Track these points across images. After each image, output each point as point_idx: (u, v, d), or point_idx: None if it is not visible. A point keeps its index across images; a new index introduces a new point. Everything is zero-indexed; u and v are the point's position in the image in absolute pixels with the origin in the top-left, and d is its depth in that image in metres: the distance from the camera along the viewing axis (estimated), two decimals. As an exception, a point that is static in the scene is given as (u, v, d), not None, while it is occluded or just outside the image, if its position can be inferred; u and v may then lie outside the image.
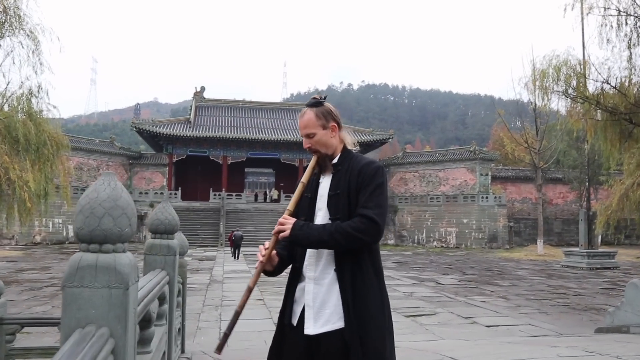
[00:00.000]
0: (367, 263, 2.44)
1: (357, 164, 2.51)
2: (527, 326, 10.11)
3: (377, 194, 2.41)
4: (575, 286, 16.94)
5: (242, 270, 21.39)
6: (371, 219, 2.34)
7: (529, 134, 35.19)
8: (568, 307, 12.56)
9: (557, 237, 44.75)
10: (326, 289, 2.41)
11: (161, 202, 4.18)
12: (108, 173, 1.82)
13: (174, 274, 3.98)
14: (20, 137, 15.22)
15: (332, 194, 2.50)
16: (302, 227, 2.40)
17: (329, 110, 2.61)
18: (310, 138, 2.57)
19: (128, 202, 1.77)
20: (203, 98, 55.30)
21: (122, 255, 1.74)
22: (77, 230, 1.71)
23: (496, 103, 59.28)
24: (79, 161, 42.77)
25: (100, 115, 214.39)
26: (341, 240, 2.33)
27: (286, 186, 51.05)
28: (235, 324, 2.36)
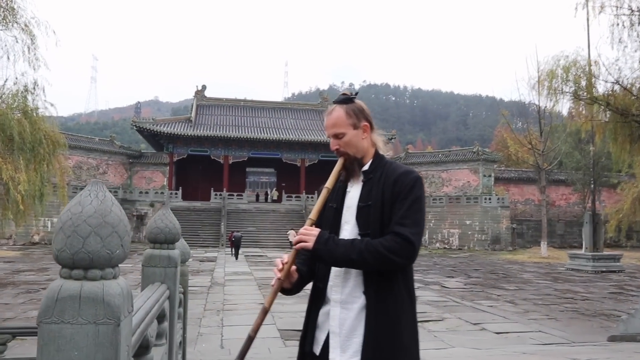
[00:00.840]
0: (400, 286, 2.13)
1: (393, 172, 2.21)
2: (537, 333, 9.86)
3: (414, 209, 2.11)
4: (582, 290, 16.69)
5: (244, 272, 21.12)
6: (407, 239, 2.05)
7: (533, 135, 34.87)
8: (577, 313, 12.32)
9: (559, 239, 44.53)
10: (355, 315, 2.11)
11: (161, 209, 3.83)
12: (96, 181, 1.50)
13: (175, 287, 3.67)
14: (15, 135, 14.73)
15: (362, 205, 2.19)
16: (327, 241, 2.10)
17: (361, 108, 2.31)
18: (339, 139, 2.26)
19: (119, 217, 1.45)
20: (204, 97, 55.09)
21: (112, 283, 1.42)
22: (56, 253, 1.39)
23: (498, 104, 59.06)
24: (79, 160, 42.55)
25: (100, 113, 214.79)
26: (370, 261, 2.04)
27: (288, 186, 50.90)
28: (248, 351, 2.10)
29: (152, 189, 44.81)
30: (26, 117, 15.52)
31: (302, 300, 13.14)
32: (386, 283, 2.10)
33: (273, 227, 41.49)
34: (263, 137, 47.70)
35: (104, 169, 44.56)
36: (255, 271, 21.17)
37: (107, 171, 44.80)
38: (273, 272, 2.18)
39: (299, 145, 48.79)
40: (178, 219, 3.93)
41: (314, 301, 2.26)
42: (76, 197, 1.45)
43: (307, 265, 2.29)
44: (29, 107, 15.91)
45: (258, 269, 22.09)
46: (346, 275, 2.15)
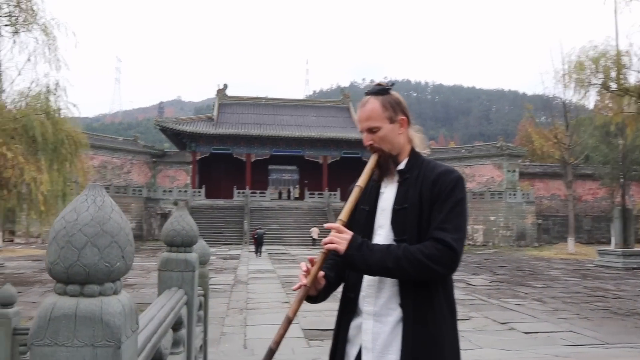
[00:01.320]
0: (440, 297, 1.95)
1: (431, 171, 2.02)
2: (568, 333, 9.55)
3: (456, 212, 1.93)
4: (614, 288, 16.25)
5: (267, 269, 21.06)
6: (449, 246, 1.86)
7: (558, 129, 34.17)
8: (609, 312, 11.94)
9: (586, 234, 43.72)
10: (390, 329, 1.92)
11: (177, 210, 3.67)
12: (94, 185, 1.34)
13: (193, 292, 3.49)
14: (38, 136, 14.88)
15: (398, 208, 2.01)
16: (360, 246, 1.91)
17: (398, 100, 2.11)
18: (373, 133, 2.07)
19: (120, 225, 1.29)
20: (226, 96, 55.35)
21: (112, 300, 1.26)
22: (49, 266, 1.24)
23: (521, 98, 58.19)
24: (103, 159, 43.05)
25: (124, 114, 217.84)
26: (409, 270, 1.86)
27: (310, 183, 50.83)
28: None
29: (175, 187, 45.17)
30: (48, 118, 15.65)
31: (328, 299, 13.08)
32: (425, 294, 1.91)
33: (296, 225, 41.51)
34: (285, 134, 47.67)
35: (128, 168, 45.06)
36: (279, 269, 21.11)
37: (131, 170, 45.28)
38: (298, 277, 1.99)
39: (321, 142, 48.66)
40: (201, 217, 3.82)
41: (344, 312, 2.08)
42: (72, 203, 1.29)
43: (334, 270, 2.11)
44: (51, 108, 16.02)
45: (281, 267, 22.03)
46: (380, 285, 1.97)
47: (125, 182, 43.98)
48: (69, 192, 16.44)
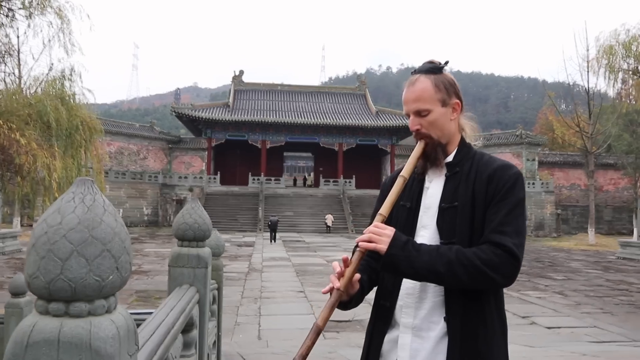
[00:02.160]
0: (492, 310, 1.69)
1: (486, 166, 1.77)
2: (592, 329, 9.31)
3: (516, 213, 1.67)
4: (637, 281, 15.91)
5: (282, 257, 21.00)
6: (509, 252, 1.60)
7: (581, 117, 33.45)
8: (634, 307, 11.66)
9: (607, 225, 43.03)
10: (432, 346, 1.67)
11: (189, 202, 3.44)
12: (84, 179, 1.10)
13: (206, 290, 3.27)
14: (52, 122, 14.80)
15: (447, 206, 1.75)
16: (405, 245, 1.64)
17: (452, 81, 1.84)
18: (422, 117, 1.80)
19: (114, 230, 1.06)
20: (242, 82, 55.14)
21: (104, 321, 1.03)
22: (28, 279, 1.02)
23: (541, 85, 57.27)
24: (120, 146, 43.40)
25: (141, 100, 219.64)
26: (462, 276, 1.60)
27: (325, 170, 50.55)
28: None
29: (191, 173, 45.24)
30: (63, 104, 15.59)
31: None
32: (476, 307, 1.66)
33: (311, 212, 41.43)
34: (300, 121, 47.36)
35: (144, 155, 45.45)
36: (293, 257, 21.03)
37: (148, 156, 45.67)
38: (330, 280, 1.71)
39: (336, 129, 48.32)
40: (216, 204, 3.62)
41: (377, 323, 1.82)
42: (56, 202, 1.06)
43: (366, 272, 1.84)
44: (66, 94, 15.97)
45: (296, 255, 21.94)
46: (422, 294, 1.72)
47: (142, 168, 44.28)
48: (83, 180, 16.33)
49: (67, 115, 15.27)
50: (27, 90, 16.29)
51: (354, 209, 41.98)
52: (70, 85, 16.14)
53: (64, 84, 15.92)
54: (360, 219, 40.20)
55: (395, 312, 1.76)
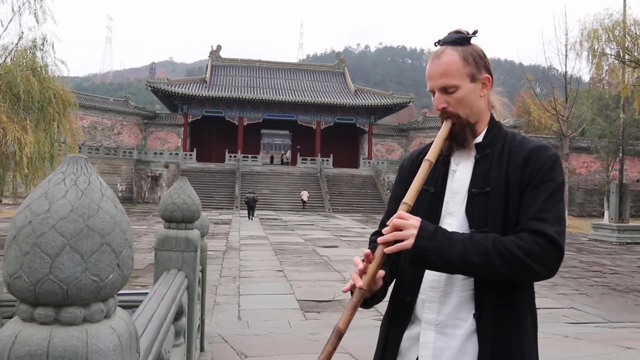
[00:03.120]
0: (525, 305, 1.56)
1: (520, 147, 1.60)
2: (569, 310, 9.43)
3: (556, 199, 1.52)
4: (610, 263, 16.13)
5: (259, 236, 20.83)
6: (552, 241, 1.46)
7: (558, 101, 33.80)
8: (608, 288, 11.83)
9: (578, 207, 43.79)
10: (459, 345, 1.53)
11: (177, 181, 3.21)
12: (75, 157, 0.90)
13: (195, 274, 3.08)
14: (22, 93, 14.30)
15: (478, 192, 1.58)
16: (434, 235, 1.48)
17: (482, 53, 1.65)
18: (449, 94, 1.61)
19: (114, 218, 0.87)
20: (219, 57, 54.54)
21: (103, 330, 0.85)
22: (7, 280, 0.83)
23: (517, 68, 57.79)
24: (93, 120, 42.67)
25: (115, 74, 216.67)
26: (500, 267, 1.44)
27: (303, 148, 50.61)
28: None
29: (166, 150, 44.85)
30: (35, 75, 15.05)
31: (319, 268, 12.91)
32: (508, 302, 1.52)
33: (288, 190, 41.39)
34: (278, 98, 47.09)
35: (118, 130, 44.75)
36: (271, 235, 20.90)
37: (122, 132, 44.99)
38: (351, 277, 1.55)
39: (314, 107, 48.07)
40: (192, 181, 3.44)
41: (395, 319, 1.67)
42: (41, 185, 0.87)
43: (387, 265, 1.65)
44: (38, 65, 15.43)
45: (274, 233, 21.81)
46: (448, 288, 1.56)
47: (116, 143, 43.67)
48: (56, 154, 15.92)
49: (39, 87, 14.76)
50: (-5, 60, 15.65)
51: (331, 187, 42.06)
52: (42, 56, 15.60)
53: (35, 54, 15.34)
54: (337, 197, 40.41)
55: (416, 307, 1.62)
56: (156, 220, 25.63)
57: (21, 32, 15.74)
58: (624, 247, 21.26)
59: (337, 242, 18.70)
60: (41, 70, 15.38)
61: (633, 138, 39.57)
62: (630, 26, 15.32)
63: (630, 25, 15.32)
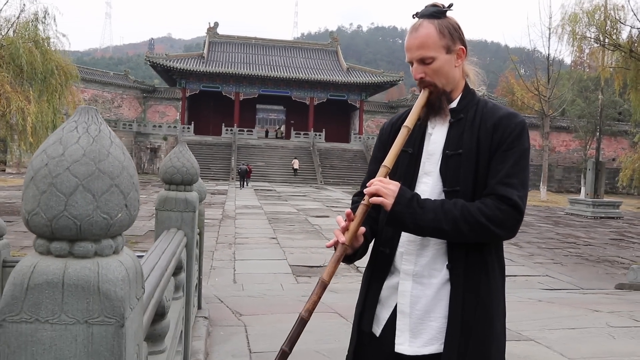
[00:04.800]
0: (493, 258, 1.68)
1: (491, 113, 1.70)
2: (545, 277, 9.85)
3: (522, 165, 1.64)
4: (584, 235, 16.64)
5: (254, 205, 21.15)
6: (514, 206, 1.59)
7: (540, 82, 34.28)
8: (581, 258, 12.27)
9: (557, 183, 44.99)
10: (433, 293, 1.65)
11: (177, 146, 3.34)
12: (86, 108, 1.00)
13: (193, 233, 3.22)
14: (25, 65, 14.37)
15: (451, 153, 1.68)
16: (410, 202, 1.59)
17: (456, 25, 1.75)
18: (426, 65, 1.71)
19: (122, 163, 0.97)
20: (217, 34, 54.57)
21: (112, 263, 0.96)
22: (26, 216, 0.92)
23: (503, 50, 57.99)
24: (94, 93, 43.11)
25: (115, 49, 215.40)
26: (467, 233, 1.58)
27: (296, 123, 51.04)
28: (300, 335, 1.55)
29: (165, 123, 45.28)
30: (37, 47, 15.20)
31: (311, 236, 13.11)
32: (477, 255, 1.64)
33: (281, 163, 41.95)
34: (273, 74, 47.38)
35: (118, 103, 45.24)
36: (265, 205, 21.24)
37: (122, 105, 45.50)
38: (334, 234, 1.65)
39: (308, 84, 48.46)
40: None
41: (376, 270, 1.77)
42: (56, 132, 0.96)
43: (368, 223, 1.75)
44: (40, 37, 15.54)
45: (268, 203, 22.20)
46: (424, 241, 1.68)
47: (116, 116, 44.17)
48: (59, 124, 16.01)
49: (42, 58, 14.92)
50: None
51: (323, 160, 42.67)
52: (44, 29, 15.79)
53: (37, 27, 15.50)
54: (328, 170, 41.12)
55: (395, 258, 1.73)
56: (155, 190, 25.89)
57: (23, 5, 15.89)
58: (598, 221, 21.87)
59: (328, 212, 19.06)
60: (43, 42, 15.52)
61: (610, 119, 40.69)
62: (610, 10, 15.44)
63: (610, 10, 15.45)
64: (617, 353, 4.56)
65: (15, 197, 20.73)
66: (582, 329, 5.28)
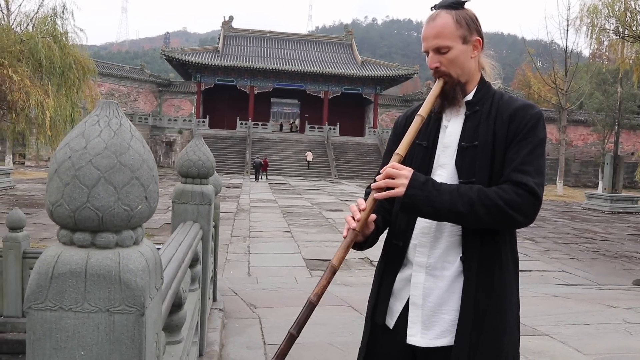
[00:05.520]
0: (507, 251, 1.67)
1: (507, 105, 1.71)
2: (560, 273, 9.72)
3: (538, 153, 1.63)
4: (601, 230, 16.44)
5: (268, 199, 21.24)
6: (531, 191, 1.58)
7: (558, 75, 33.87)
8: (598, 254, 12.09)
9: (574, 178, 44.48)
10: (447, 285, 1.66)
11: (193, 139, 3.37)
12: (108, 102, 1.03)
13: (209, 226, 3.26)
14: (44, 59, 14.56)
15: (467, 145, 1.69)
16: (424, 184, 1.59)
17: (474, 17, 1.75)
18: (441, 54, 1.71)
19: (142, 156, 1.00)
20: (231, 28, 54.61)
21: (133, 253, 0.99)
22: (50, 207, 0.95)
23: (519, 43, 57.40)
24: (110, 87, 43.48)
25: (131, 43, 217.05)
26: (484, 216, 1.56)
27: (311, 117, 51.04)
28: (308, 319, 1.57)
29: (180, 116, 45.59)
30: (55, 42, 15.43)
31: (325, 230, 13.14)
32: (492, 247, 1.64)
33: (295, 157, 42.00)
34: (288, 68, 47.39)
35: (134, 97, 45.64)
36: (280, 199, 21.31)
37: (138, 99, 45.89)
38: (346, 221, 1.68)
39: (322, 77, 48.36)
40: None
41: (389, 262, 1.79)
42: (78, 126, 0.99)
43: (380, 213, 1.79)
44: (59, 32, 15.78)
45: (282, 197, 22.27)
46: (438, 234, 1.68)
47: (132, 110, 44.55)
48: (77, 118, 16.28)
49: (60, 53, 15.11)
50: (18, 26, 16.00)
51: (337, 154, 42.68)
52: (62, 24, 16.03)
53: (55, 22, 15.75)
54: (343, 164, 41.10)
55: (408, 251, 1.74)
56: (170, 183, 26.07)
57: (41, 0, 16.01)
58: (616, 216, 21.60)
59: (342, 207, 19.05)
60: (61, 37, 15.72)
61: (629, 112, 40.09)
62: (631, 1, 15.18)
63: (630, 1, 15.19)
64: (634, 349, 4.52)
65: (35, 189, 21.02)
66: (598, 324, 5.25)
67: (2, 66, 13.17)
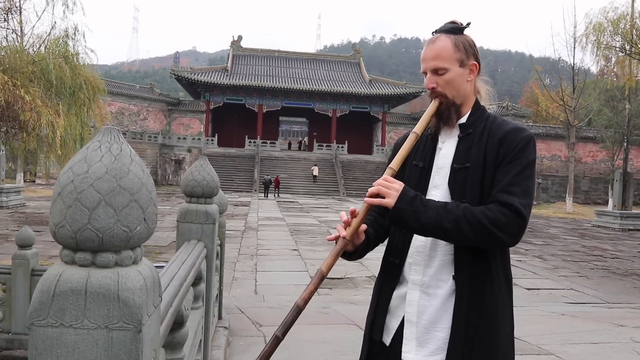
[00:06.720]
0: (498, 270, 1.71)
1: (498, 129, 1.76)
2: (569, 291, 9.64)
3: (526, 175, 1.68)
4: (611, 248, 16.33)
5: (276, 217, 21.27)
6: (516, 212, 1.62)
7: (565, 92, 33.93)
8: (608, 271, 12.01)
9: (583, 195, 43.94)
10: (440, 303, 1.70)
11: (198, 160, 3.44)
12: (109, 128, 1.09)
13: (213, 245, 3.31)
14: (55, 80, 14.80)
15: (459, 167, 1.74)
16: (413, 200, 1.65)
17: (472, 42, 1.83)
18: (438, 75, 1.79)
19: (141, 180, 1.06)
20: (240, 47, 55.14)
21: (131, 272, 1.04)
22: (53, 228, 1.00)
23: (527, 60, 57.49)
24: (121, 106, 43.99)
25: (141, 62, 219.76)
26: (468, 234, 1.61)
27: (319, 135, 51.22)
28: (295, 322, 1.65)
29: (189, 135, 45.99)
30: (67, 63, 15.72)
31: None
32: (483, 266, 1.68)
33: (304, 175, 42.11)
34: (296, 87, 47.76)
35: (144, 115, 46.18)
36: (288, 217, 21.32)
37: (148, 117, 46.44)
38: (337, 229, 1.73)
39: (331, 96, 48.69)
40: (213, 165, 3.69)
41: (386, 279, 1.84)
42: (81, 151, 1.05)
43: (373, 227, 1.85)
44: (70, 53, 16.09)
45: (290, 215, 22.28)
46: (432, 252, 1.73)
47: (142, 128, 45.04)
48: (87, 137, 16.56)
49: (71, 73, 15.36)
50: (31, 47, 16.37)
51: (346, 172, 42.74)
52: (74, 45, 16.34)
53: (67, 43, 16.06)
54: (351, 182, 41.09)
55: (404, 269, 1.78)
56: (179, 201, 26.20)
57: (54, 22, 16.49)
58: (626, 234, 21.42)
59: (350, 225, 18.92)
60: (72, 57, 15.99)
61: (638, 128, 39.77)
62: (636, 19, 15.27)
63: (636, 19, 15.28)
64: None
65: (44, 207, 21.23)
66: (604, 343, 5.21)
67: (14, 87, 13.41)
